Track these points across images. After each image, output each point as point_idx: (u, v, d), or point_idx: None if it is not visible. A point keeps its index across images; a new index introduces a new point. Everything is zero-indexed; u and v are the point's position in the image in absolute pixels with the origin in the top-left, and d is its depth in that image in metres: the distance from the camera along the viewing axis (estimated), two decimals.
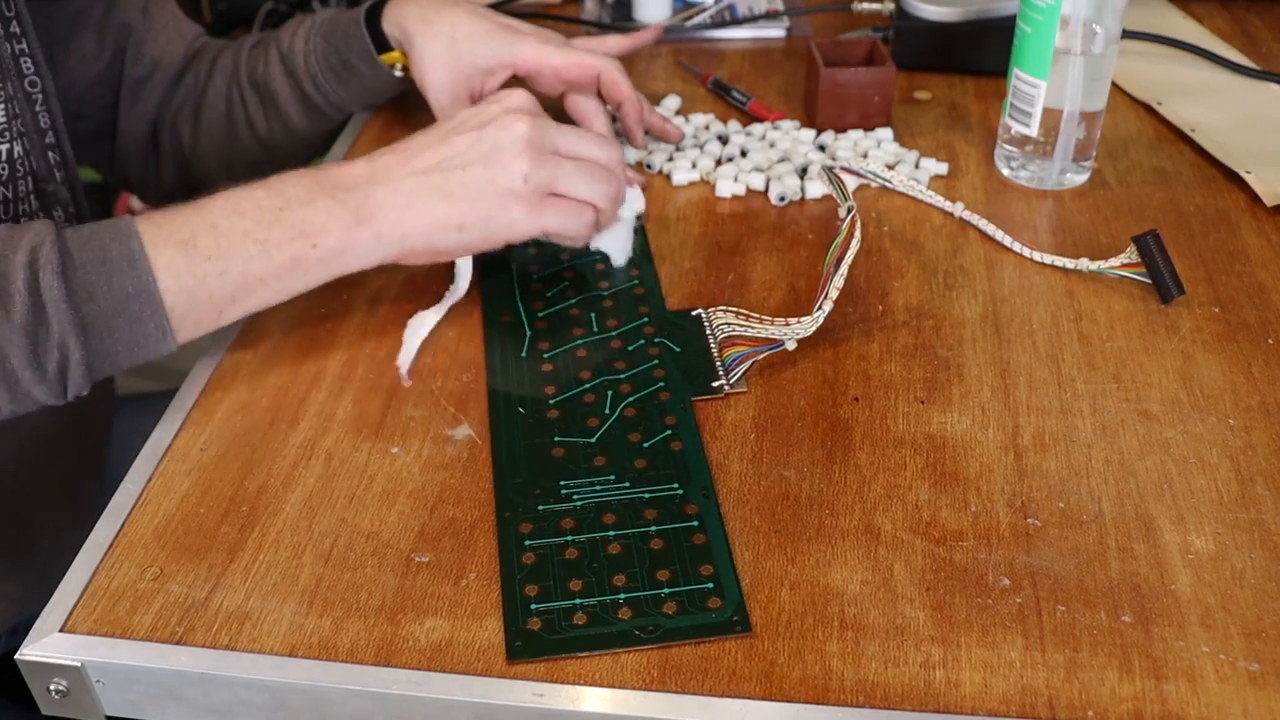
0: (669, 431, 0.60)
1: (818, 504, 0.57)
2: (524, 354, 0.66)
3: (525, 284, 0.71)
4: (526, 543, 0.54)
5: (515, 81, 0.79)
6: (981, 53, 0.92)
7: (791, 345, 0.64)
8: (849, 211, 0.64)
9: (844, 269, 0.62)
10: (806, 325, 0.63)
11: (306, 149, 0.87)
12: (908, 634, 0.50)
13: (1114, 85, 0.89)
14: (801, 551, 0.54)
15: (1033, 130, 0.78)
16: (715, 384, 0.63)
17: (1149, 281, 0.69)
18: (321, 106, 0.83)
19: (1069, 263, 0.71)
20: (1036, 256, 0.72)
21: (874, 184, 0.78)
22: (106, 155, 0.88)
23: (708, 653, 0.50)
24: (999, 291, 0.70)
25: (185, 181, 0.89)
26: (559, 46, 0.78)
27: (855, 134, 0.85)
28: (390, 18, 0.79)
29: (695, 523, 0.55)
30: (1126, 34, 0.94)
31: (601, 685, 0.49)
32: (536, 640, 0.50)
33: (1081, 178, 0.80)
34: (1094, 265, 0.70)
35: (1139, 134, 0.86)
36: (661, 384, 0.63)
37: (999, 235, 0.74)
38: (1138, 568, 0.53)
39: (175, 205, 0.60)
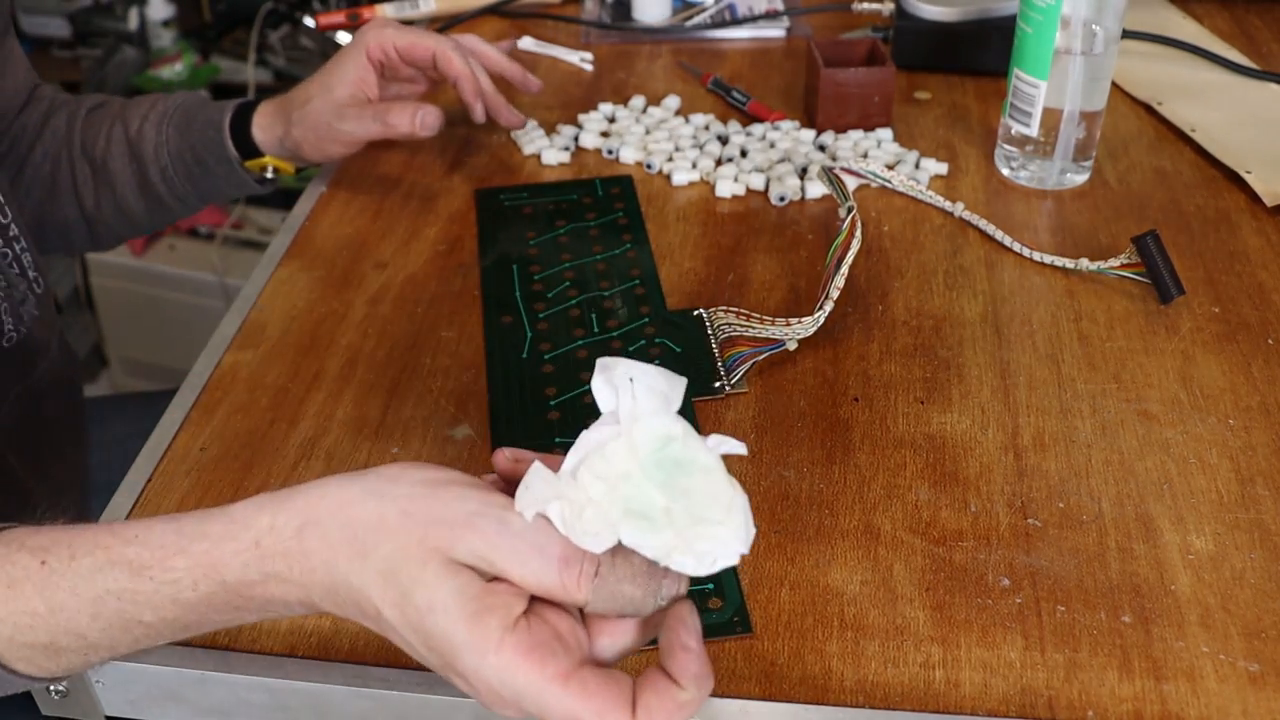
0: None
1: (817, 504, 0.57)
2: (525, 355, 0.66)
3: (526, 284, 0.71)
4: None
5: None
6: (981, 53, 0.92)
7: (792, 346, 0.64)
8: (849, 212, 0.64)
9: (844, 269, 0.62)
10: (807, 325, 0.63)
11: (134, 230, 0.84)
12: (907, 634, 0.50)
13: (1114, 85, 0.89)
14: (801, 551, 0.54)
15: (1033, 130, 0.78)
16: (716, 384, 0.63)
17: (1149, 282, 0.69)
18: (164, 197, 0.80)
19: (1069, 263, 0.71)
20: (1036, 256, 0.72)
21: (874, 184, 0.78)
22: None
23: (708, 652, 0.50)
24: (999, 291, 0.70)
25: None
26: (399, 29, 0.78)
27: (855, 134, 0.85)
28: (260, 124, 0.78)
29: None
30: (1126, 34, 0.94)
31: None
32: None
33: (1081, 178, 0.80)
34: (1094, 265, 0.70)
35: (1139, 134, 0.86)
36: None
37: (999, 235, 0.74)
38: (1138, 568, 0.53)
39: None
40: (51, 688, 0.51)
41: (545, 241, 0.75)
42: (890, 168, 0.78)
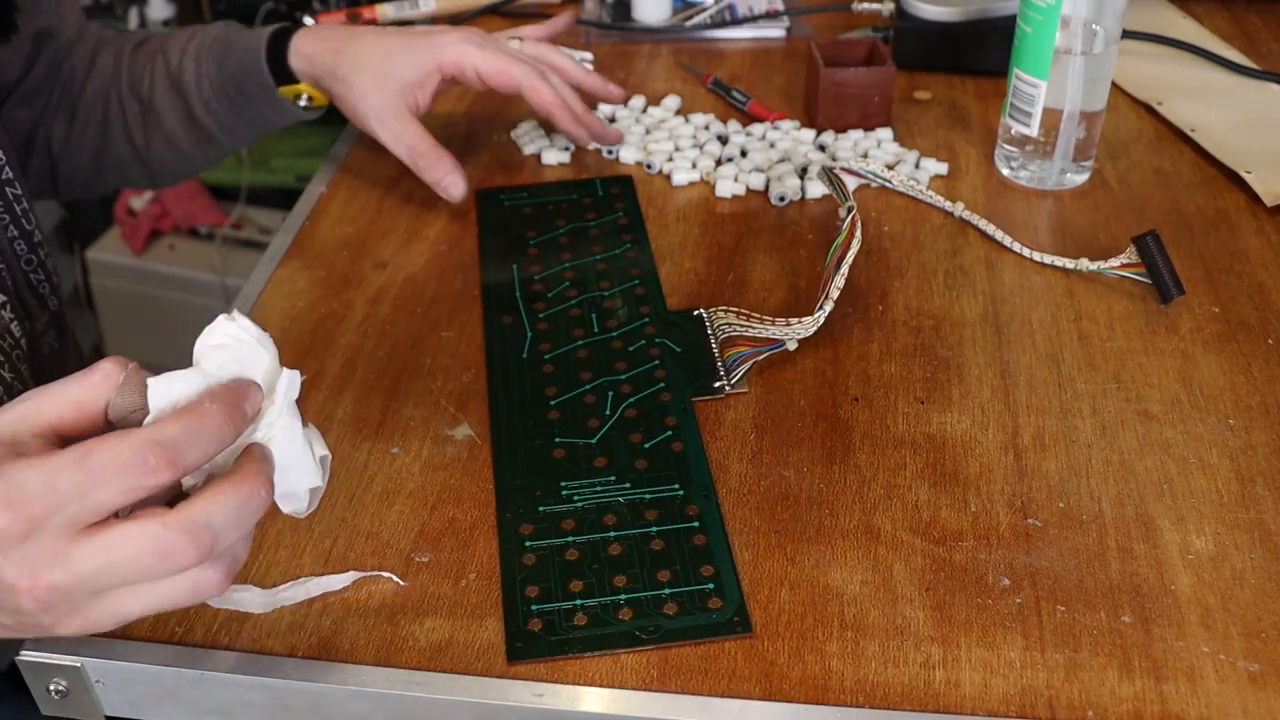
0: (669, 432, 0.60)
1: (818, 504, 0.57)
2: (525, 355, 0.66)
3: (526, 285, 0.71)
4: (527, 544, 0.54)
5: (447, 85, 0.77)
6: (981, 53, 0.92)
7: (793, 345, 0.64)
8: (849, 211, 0.64)
9: (844, 269, 0.62)
10: (808, 325, 0.63)
11: (187, 166, 0.84)
12: (908, 634, 0.50)
13: (1114, 85, 0.88)
14: (801, 551, 0.54)
15: (1033, 130, 0.78)
16: (716, 384, 0.63)
17: (1149, 282, 0.69)
18: (211, 130, 0.80)
19: (1069, 263, 0.71)
20: (1036, 256, 0.72)
21: (874, 184, 0.78)
22: None
23: (708, 653, 0.50)
24: (999, 291, 0.70)
25: (51, 181, 0.85)
26: (481, 47, 0.75)
27: (855, 134, 0.85)
28: (298, 51, 0.76)
29: (696, 524, 0.55)
30: (1126, 34, 0.94)
31: (601, 685, 0.49)
32: (537, 641, 0.50)
33: (1081, 178, 0.80)
34: (1094, 265, 0.70)
35: (1139, 134, 0.86)
36: (662, 384, 0.63)
37: (998, 235, 0.74)
38: (1138, 568, 0.53)
39: None
40: (51, 688, 0.51)
41: (545, 242, 0.75)
42: (890, 168, 0.78)
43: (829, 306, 0.63)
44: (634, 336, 0.67)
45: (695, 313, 0.68)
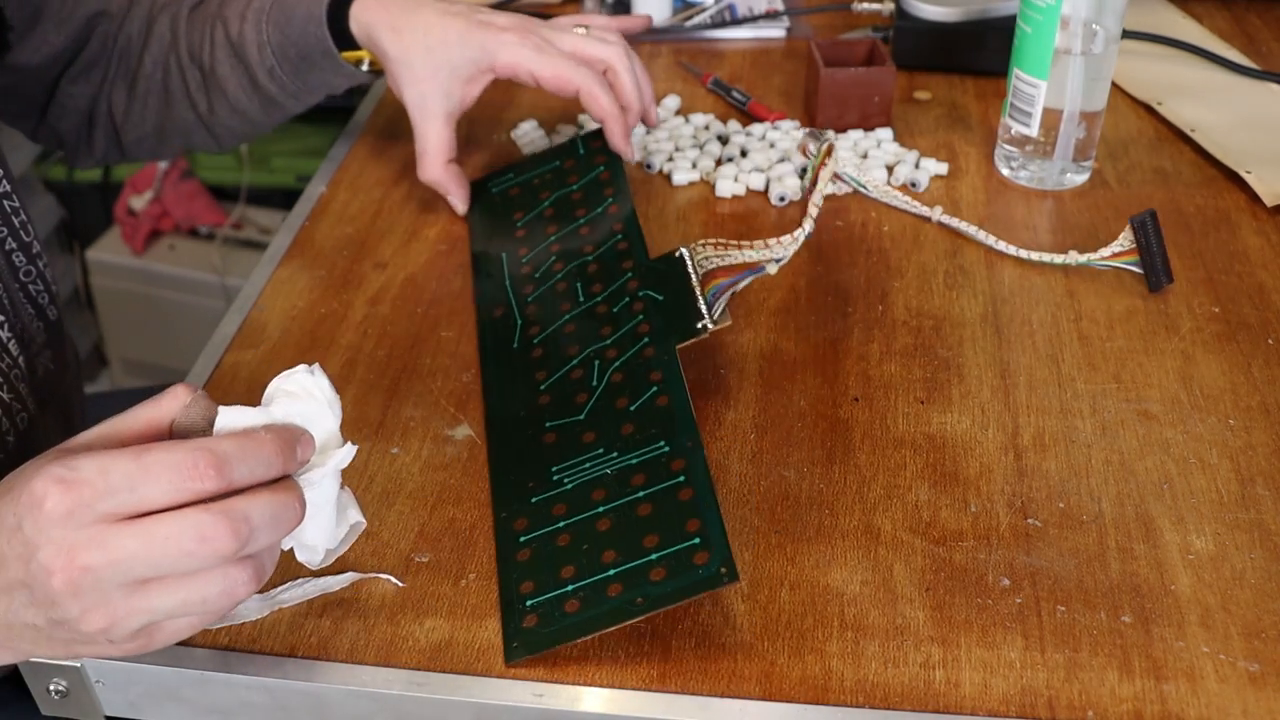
0: (655, 389, 0.58)
1: (818, 504, 0.56)
2: (516, 345, 0.65)
3: (516, 268, 0.71)
4: (521, 538, 0.54)
5: (496, 84, 0.76)
6: (981, 53, 0.92)
7: (773, 269, 0.62)
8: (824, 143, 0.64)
9: (821, 187, 0.62)
10: (787, 245, 0.62)
11: (253, 129, 0.83)
12: (907, 634, 0.50)
13: (1114, 85, 0.88)
14: (801, 551, 0.54)
15: (1033, 130, 0.78)
16: (699, 325, 0.60)
17: (1140, 271, 0.69)
18: (276, 96, 0.78)
19: (1057, 257, 0.71)
20: (1023, 254, 0.72)
21: (850, 187, 0.78)
22: (33, 125, 0.83)
23: (708, 653, 0.50)
24: (999, 291, 0.70)
25: (117, 147, 0.85)
26: (539, 50, 0.73)
27: (855, 134, 0.85)
28: (357, 19, 0.74)
29: (681, 478, 0.53)
30: (1126, 34, 0.94)
31: (601, 685, 0.49)
32: (532, 636, 0.50)
33: (1081, 178, 0.80)
34: (1083, 258, 0.70)
35: (1139, 134, 0.86)
36: (646, 340, 0.61)
37: (980, 235, 0.74)
38: (1138, 568, 0.53)
39: None
40: (51, 688, 0.51)
41: (532, 220, 0.74)
42: (890, 169, 0.78)
43: (809, 225, 0.62)
44: (618, 296, 0.65)
45: (677, 254, 0.64)
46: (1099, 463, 0.58)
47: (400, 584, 0.53)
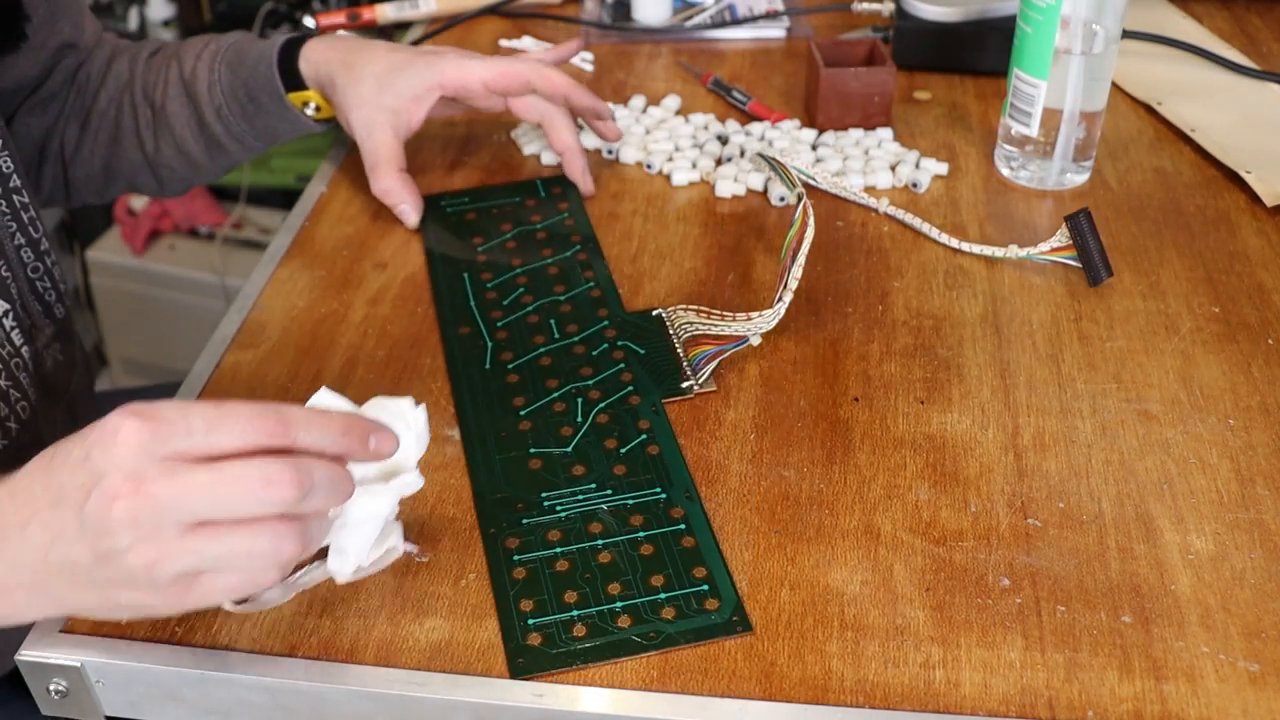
0: (644, 436, 0.60)
1: (818, 504, 0.57)
2: (488, 365, 0.65)
3: (480, 293, 0.70)
4: (515, 557, 0.54)
5: (445, 104, 0.78)
6: (981, 53, 0.92)
7: (756, 340, 0.64)
8: (799, 200, 0.65)
9: (801, 260, 0.63)
10: (768, 319, 0.63)
11: (195, 174, 0.84)
12: (908, 634, 0.50)
13: (1114, 85, 0.89)
14: (801, 551, 0.54)
15: (1033, 130, 0.78)
16: (684, 385, 0.63)
17: (1079, 265, 0.69)
18: (220, 137, 0.80)
19: (997, 250, 0.72)
20: (965, 247, 0.73)
21: (804, 179, 0.78)
22: None
23: (708, 653, 0.50)
24: (999, 291, 0.70)
25: (64, 186, 0.85)
26: (480, 59, 0.76)
27: (855, 134, 0.85)
28: (308, 58, 0.77)
29: (682, 526, 0.55)
30: (1126, 34, 0.94)
31: (601, 686, 0.49)
32: (539, 656, 0.50)
33: (1081, 178, 0.80)
34: (1023, 252, 0.71)
35: (1139, 134, 0.86)
36: (630, 388, 0.63)
37: (924, 227, 0.74)
38: (1138, 568, 0.53)
39: None
40: (51, 688, 0.51)
41: (494, 247, 0.74)
42: (886, 166, 0.78)
43: (788, 298, 0.63)
44: (595, 341, 0.66)
45: (654, 313, 0.67)
46: (1099, 463, 0.58)
47: (424, 557, 0.53)
